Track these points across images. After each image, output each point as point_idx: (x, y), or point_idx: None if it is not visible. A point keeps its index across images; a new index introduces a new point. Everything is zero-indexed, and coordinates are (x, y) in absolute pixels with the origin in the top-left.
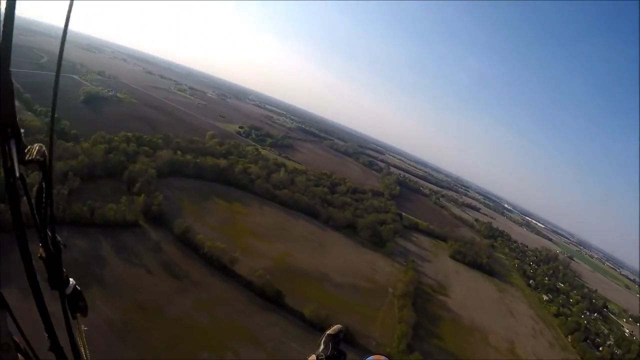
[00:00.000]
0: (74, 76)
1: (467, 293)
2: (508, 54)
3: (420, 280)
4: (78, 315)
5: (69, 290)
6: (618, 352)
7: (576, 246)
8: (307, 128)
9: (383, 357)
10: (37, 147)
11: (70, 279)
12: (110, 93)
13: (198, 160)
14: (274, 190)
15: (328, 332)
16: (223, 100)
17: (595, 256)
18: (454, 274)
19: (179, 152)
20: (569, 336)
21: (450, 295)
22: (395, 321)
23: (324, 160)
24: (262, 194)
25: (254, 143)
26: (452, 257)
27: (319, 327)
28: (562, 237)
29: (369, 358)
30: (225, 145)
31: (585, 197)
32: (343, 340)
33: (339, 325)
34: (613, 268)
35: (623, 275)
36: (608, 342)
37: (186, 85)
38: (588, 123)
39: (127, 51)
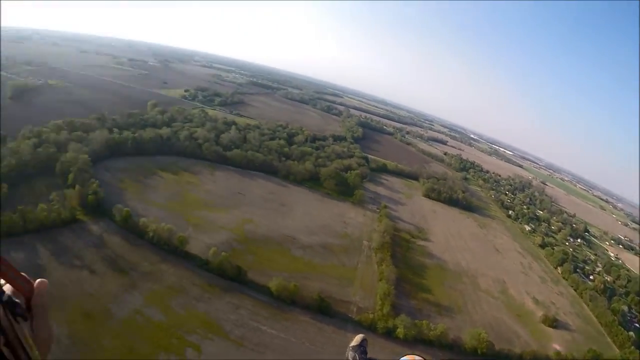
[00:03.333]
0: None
1: (448, 233)
2: None
3: (396, 226)
4: (19, 319)
5: (4, 298)
6: (609, 279)
7: (546, 170)
8: (258, 81)
9: (416, 357)
10: None
11: (3, 288)
12: (39, 82)
13: (136, 135)
14: (224, 152)
15: (351, 344)
16: (166, 66)
17: (566, 179)
18: (431, 214)
19: (115, 130)
20: (559, 268)
21: (430, 238)
22: (376, 278)
23: (278, 111)
24: (212, 158)
25: (200, 105)
26: (427, 195)
27: (289, 302)
28: (531, 163)
29: (402, 359)
30: (168, 113)
31: (547, 120)
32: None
33: (360, 334)
34: (585, 190)
35: (595, 196)
36: (597, 269)
37: (125, 57)
38: (540, 49)
39: (60, 34)
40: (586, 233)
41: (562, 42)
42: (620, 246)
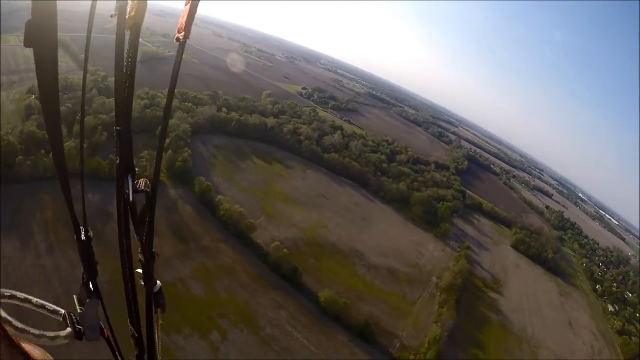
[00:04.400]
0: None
1: (524, 293)
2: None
3: (472, 271)
4: (158, 310)
5: (155, 289)
6: None
7: None
8: (377, 94)
9: None
10: (144, 181)
11: (157, 281)
12: (169, 53)
13: (242, 118)
14: (322, 152)
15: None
16: (291, 62)
17: None
18: (513, 268)
19: (223, 109)
20: None
21: (504, 293)
22: (432, 319)
23: (389, 127)
24: (309, 156)
25: (313, 104)
26: (515, 246)
27: (333, 317)
28: (636, 239)
29: None
30: (280, 105)
31: None
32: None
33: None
34: None
35: None
36: None
37: (255, 47)
38: None
39: (200, 17)
40: None
41: None
42: None
